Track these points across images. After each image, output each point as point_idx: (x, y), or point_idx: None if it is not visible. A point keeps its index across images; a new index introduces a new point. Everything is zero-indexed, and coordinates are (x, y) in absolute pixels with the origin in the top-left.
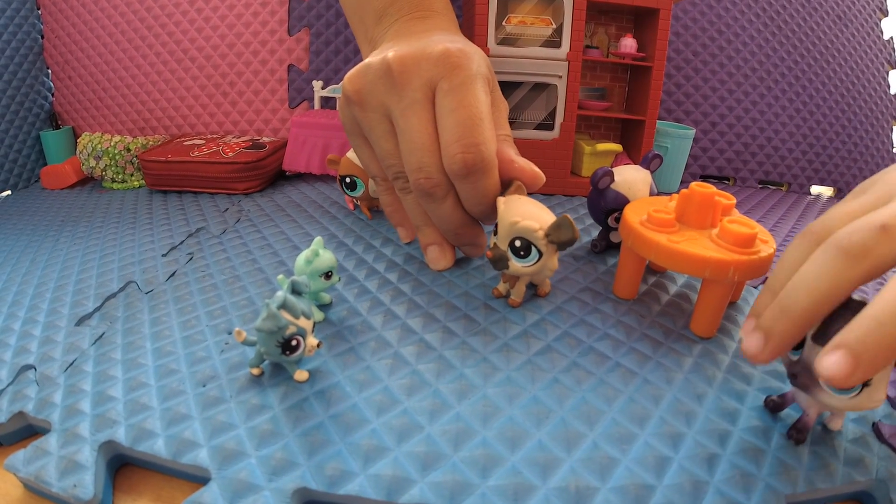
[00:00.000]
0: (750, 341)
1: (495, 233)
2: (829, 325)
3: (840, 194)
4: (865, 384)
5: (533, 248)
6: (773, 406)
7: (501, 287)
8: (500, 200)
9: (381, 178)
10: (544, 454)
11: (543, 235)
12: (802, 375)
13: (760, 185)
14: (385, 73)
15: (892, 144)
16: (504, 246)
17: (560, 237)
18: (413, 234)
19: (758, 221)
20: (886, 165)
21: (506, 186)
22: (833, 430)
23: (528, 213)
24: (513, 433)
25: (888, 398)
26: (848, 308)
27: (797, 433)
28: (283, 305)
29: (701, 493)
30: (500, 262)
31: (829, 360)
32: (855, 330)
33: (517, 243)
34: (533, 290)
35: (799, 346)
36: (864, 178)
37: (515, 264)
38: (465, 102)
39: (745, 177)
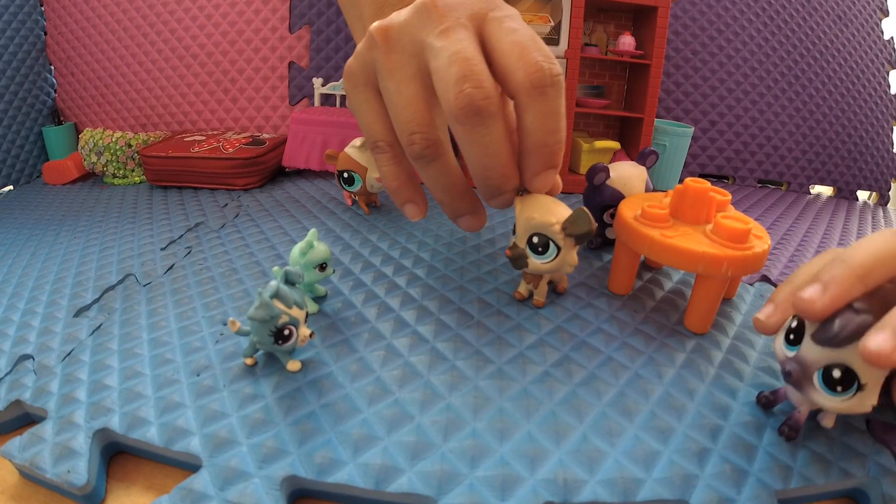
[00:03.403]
0: (807, 290)
1: (514, 232)
2: (829, 325)
3: (840, 194)
4: (860, 388)
5: (551, 243)
6: (766, 402)
7: (523, 289)
8: (517, 200)
9: (386, 142)
10: (533, 446)
11: (560, 229)
12: (797, 372)
13: (760, 184)
14: (422, 10)
15: (893, 144)
16: (522, 244)
17: (576, 230)
18: (424, 210)
19: (756, 220)
20: (886, 165)
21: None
22: (826, 427)
23: (546, 208)
24: (502, 424)
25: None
26: (850, 309)
27: (789, 430)
28: (276, 295)
29: (690, 487)
30: (519, 261)
31: (877, 338)
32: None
33: (535, 240)
34: (551, 287)
35: (796, 342)
36: (864, 177)
37: (535, 261)
38: (524, 27)
39: (745, 175)
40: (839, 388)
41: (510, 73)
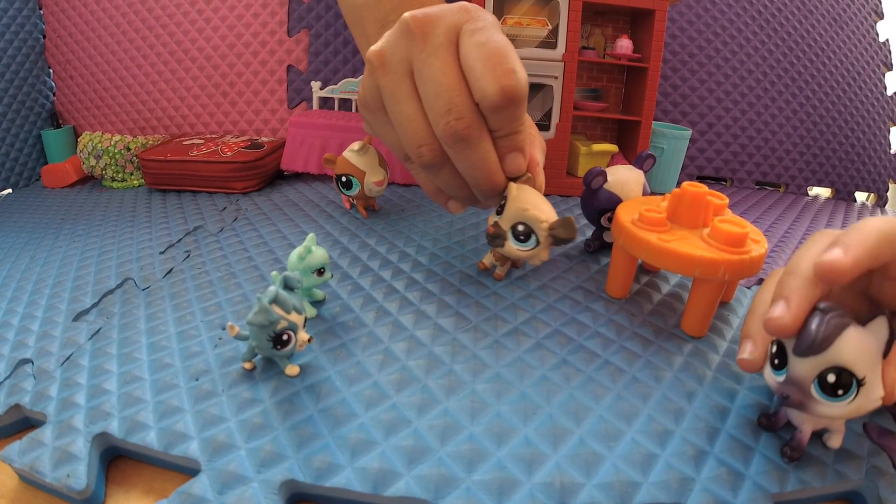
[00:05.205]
0: (773, 311)
1: (498, 212)
2: (805, 333)
3: (838, 195)
4: (860, 384)
5: (533, 235)
6: (767, 425)
7: (487, 261)
8: (513, 186)
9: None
10: (530, 450)
11: (547, 228)
12: (794, 394)
13: (757, 186)
14: (405, 30)
15: (890, 145)
16: (506, 227)
17: (561, 234)
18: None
19: (754, 222)
20: (884, 166)
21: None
22: (833, 447)
23: (538, 205)
24: (499, 429)
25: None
26: (818, 311)
27: (791, 451)
28: (275, 300)
29: (687, 490)
30: (497, 240)
31: (830, 252)
32: (842, 237)
33: (520, 228)
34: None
35: (782, 365)
36: (862, 179)
37: (512, 246)
38: (493, 38)
39: (742, 178)
40: (840, 392)
41: (475, 89)
